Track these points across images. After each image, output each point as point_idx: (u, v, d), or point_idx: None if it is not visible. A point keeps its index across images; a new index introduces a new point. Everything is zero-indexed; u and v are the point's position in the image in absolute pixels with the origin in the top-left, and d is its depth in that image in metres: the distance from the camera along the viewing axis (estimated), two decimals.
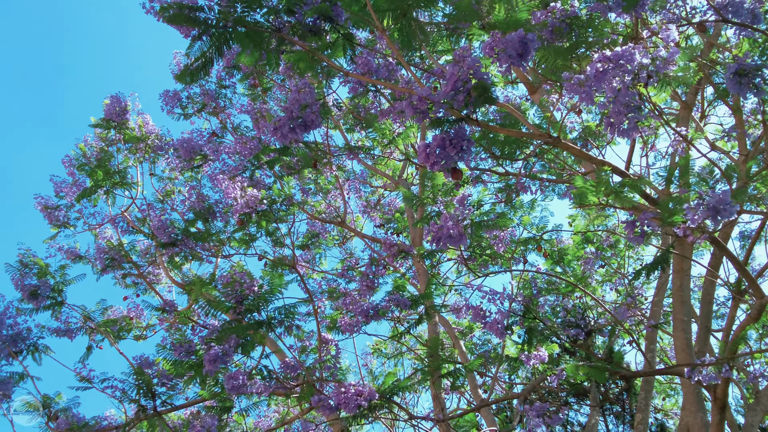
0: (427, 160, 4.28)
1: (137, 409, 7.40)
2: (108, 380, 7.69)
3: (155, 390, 7.34)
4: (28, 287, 8.76)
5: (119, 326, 10.68)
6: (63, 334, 9.66)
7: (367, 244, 12.96)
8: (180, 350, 6.99)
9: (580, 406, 12.53)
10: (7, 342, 7.81)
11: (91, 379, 8.14)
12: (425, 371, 8.05)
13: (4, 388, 7.75)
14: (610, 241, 11.76)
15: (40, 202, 11.18)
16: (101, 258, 10.85)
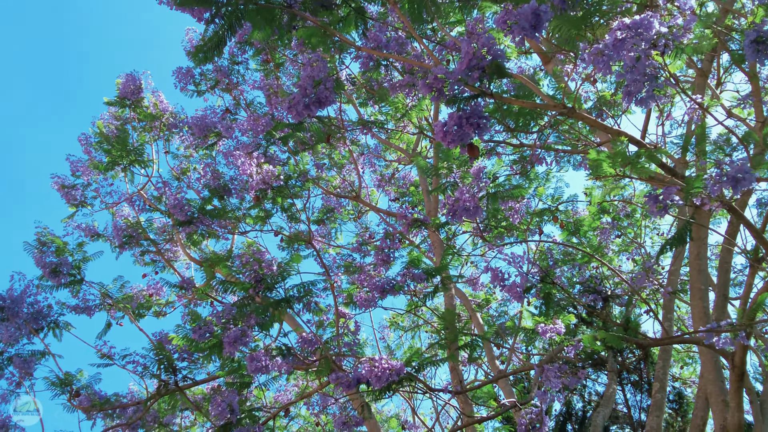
0: (444, 138, 4.28)
1: (158, 384, 7.48)
2: (129, 356, 7.78)
3: (176, 365, 7.41)
4: (48, 265, 8.83)
5: (139, 303, 10.77)
6: (82, 312, 9.75)
7: (382, 218, 12.97)
8: (198, 332, 7.05)
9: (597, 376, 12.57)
10: (28, 320, 7.89)
11: (112, 355, 8.24)
12: (442, 344, 8.08)
13: (26, 366, 7.85)
14: (626, 211, 11.71)
15: (56, 182, 11.23)
16: (119, 236, 10.91)
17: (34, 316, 7.99)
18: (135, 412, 8.81)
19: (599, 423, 9.79)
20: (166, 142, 11.71)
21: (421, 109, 9.98)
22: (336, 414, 7.44)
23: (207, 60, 5.70)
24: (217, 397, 6.87)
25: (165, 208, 10.74)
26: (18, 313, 7.68)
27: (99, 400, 8.44)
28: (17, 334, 7.74)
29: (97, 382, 8.37)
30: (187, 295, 10.86)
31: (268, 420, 7.75)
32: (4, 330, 7.55)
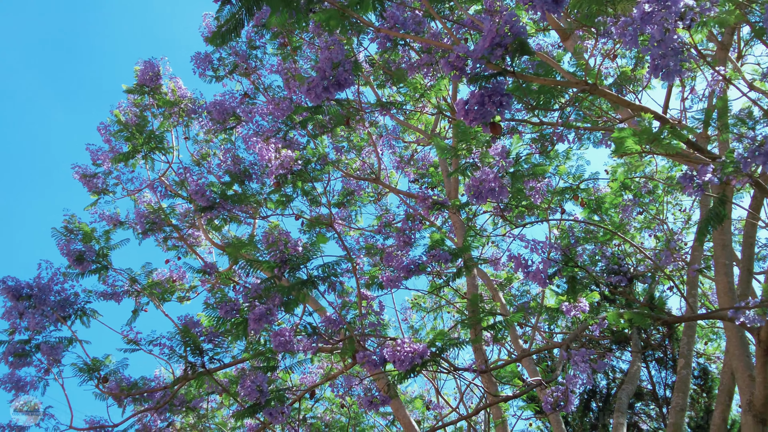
0: (466, 116, 4.26)
1: (186, 366, 7.54)
2: (156, 340, 7.86)
3: (202, 347, 7.47)
4: (74, 252, 8.89)
5: (163, 289, 10.85)
6: (109, 298, 9.83)
7: (402, 200, 12.96)
8: (225, 308, 7.09)
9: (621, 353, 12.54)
10: (56, 307, 7.96)
11: (138, 341, 8.32)
12: (466, 324, 8.09)
13: (54, 353, 7.93)
14: (648, 188, 11.63)
15: (78, 171, 11.31)
16: (142, 222, 10.98)
17: (61, 303, 8.06)
18: (162, 396, 8.89)
19: (624, 400, 9.77)
20: (185, 128, 11.75)
21: (439, 89, 9.93)
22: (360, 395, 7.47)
23: (224, 42, 5.70)
24: (246, 378, 6.93)
25: (186, 193, 10.79)
26: (45, 301, 7.76)
27: (127, 385, 8.53)
28: (45, 321, 7.82)
29: (125, 368, 8.45)
30: (210, 280, 10.93)
31: (294, 402, 7.81)
32: (32, 317, 7.63)
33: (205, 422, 13.23)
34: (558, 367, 5.95)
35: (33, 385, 7.89)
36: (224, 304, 7.10)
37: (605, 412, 12.51)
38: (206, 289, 11.46)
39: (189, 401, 10.02)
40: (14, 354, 7.77)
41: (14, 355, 7.78)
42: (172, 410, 9.54)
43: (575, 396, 6.08)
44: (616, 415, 9.59)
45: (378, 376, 7.82)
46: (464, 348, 6.78)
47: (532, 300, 13.61)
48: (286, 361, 8.01)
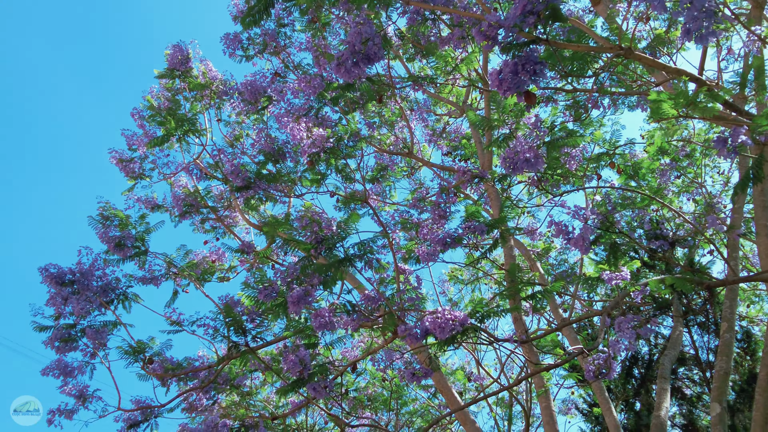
0: (500, 87, 4.22)
1: (229, 346, 7.63)
2: (199, 320, 7.96)
3: (245, 326, 7.55)
4: (112, 239, 9.00)
5: (202, 270, 10.97)
6: (149, 282, 9.96)
7: (436, 173, 12.93)
8: (264, 292, 7.15)
9: (663, 319, 12.44)
10: (98, 293, 8.09)
11: (181, 322, 8.44)
12: (505, 295, 8.08)
13: (99, 337, 8.07)
14: (685, 151, 11.47)
15: (114, 156, 11.44)
16: (179, 205, 11.08)
17: (104, 288, 8.19)
18: (207, 376, 9.03)
19: (667, 366, 9.72)
20: (217, 110, 11.80)
21: (470, 61, 9.85)
22: (401, 369, 7.51)
23: (256, 23, 5.71)
24: (288, 353, 7.00)
25: (221, 175, 10.86)
26: (88, 287, 7.89)
27: (172, 365, 8.67)
28: (88, 306, 7.95)
29: (169, 349, 8.59)
30: (249, 259, 11.03)
31: (336, 377, 7.87)
32: (76, 303, 7.77)
33: (249, 400, 13.40)
34: (599, 335, 5.91)
35: (80, 370, 8.04)
36: (263, 288, 7.16)
37: (648, 378, 12.45)
38: (245, 269, 11.56)
39: (232, 379, 10.16)
40: (61, 339, 7.93)
41: (60, 340, 7.93)
42: (216, 389, 9.69)
43: (617, 363, 6.06)
44: (659, 381, 9.54)
45: (419, 349, 7.85)
46: (504, 318, 6.78)
47: (570, 269, 13.56)
48: (326, 338, 8.08)
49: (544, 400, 9.37)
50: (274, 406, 13.77)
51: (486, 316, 6.16)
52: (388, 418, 14.53)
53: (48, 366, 7.85)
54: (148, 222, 9.63)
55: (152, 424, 8.39)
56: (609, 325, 5.97)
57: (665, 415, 9.03)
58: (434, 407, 14.61)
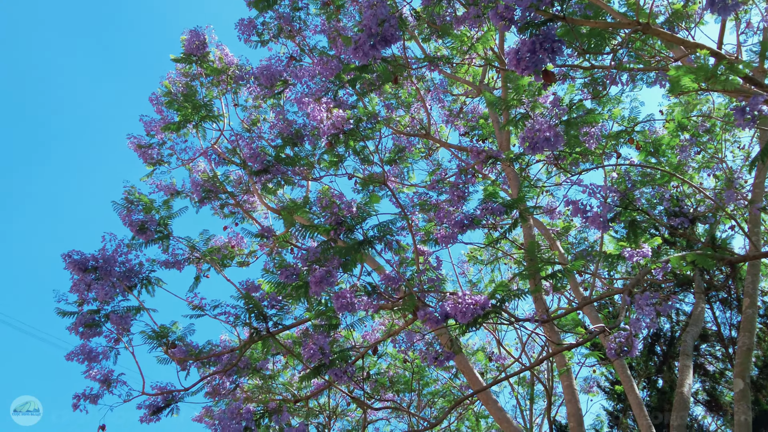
0: (518, 66, 4.20)
1: (250, 331, 7.68)
2: (219, 306, 8.02)
3: (266, 312, 7.59)
4: (136, 222, 9.06)
5: (222, 255, 11.03)
6: (172, 266, 10.03)
7: (454, 154, 12.90)
8: (285, 273, 7.18)
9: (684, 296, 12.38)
10: (122, 278, 8.16)
11: (203, 307, 8.50)
12: (525, 275, 8.06)
13: (123, 322, 8.15)
14: (705, 126, 11.36)
15: (133, 142, 11.49)
16: (198, 191, 11.12)
17: (127, 274, 8.25)
18: (229, 360, 9.09)
19: (689, 343, 9.68)
20: (234, 95, 11.81)
21: (486, 41, 9.79)
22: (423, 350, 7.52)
23: (269, 7, 5.69)
24: (308, 341, 7.03)
25: (239, 160, 10.88)
26: (111, 272, 7.95)
27: (194, 350, 8.74)
28: (112, 292, 8.02)
29: (191, 333, 8.66)
30: (268, 244, 11.06)
31: (357, 359, 7.91)
32: (100, 288, 7.83)
33: (271, 383, 13.51)
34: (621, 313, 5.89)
35: (104, 355, 8.13)
36: (284, 270, 7.18)
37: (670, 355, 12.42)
38: (265, 253, 11.61)
39: (254, 363, 10.24)
40: (85, 324, 8.01)
41: (85, 326, 8.01)
42: (239, 373, 9.76)
43: (639, 341, 6.03)
44: (682, 358, 9.51)
45: (440, 331, 7.86)
46: (524, 299, 6.76)
47: (590, 247, 13.50)
48: (347, 319, 8.11)
49: (565, 379, 9.37)
50: (296, 388, 13.86)
51: (507, 299, 6.15)
52: (410, 400, 14.60)
53: (72, 351, 7.94)
54: (171, 206, 9.68)
55: (174, 409, 8.48)
56: (630, 303, 5.94)
57: (688, 392, 9.01)
58: (456, 388, 14.66)
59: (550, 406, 13.39)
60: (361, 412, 14.22)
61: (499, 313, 6.09)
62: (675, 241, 11.92)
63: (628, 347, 5.83)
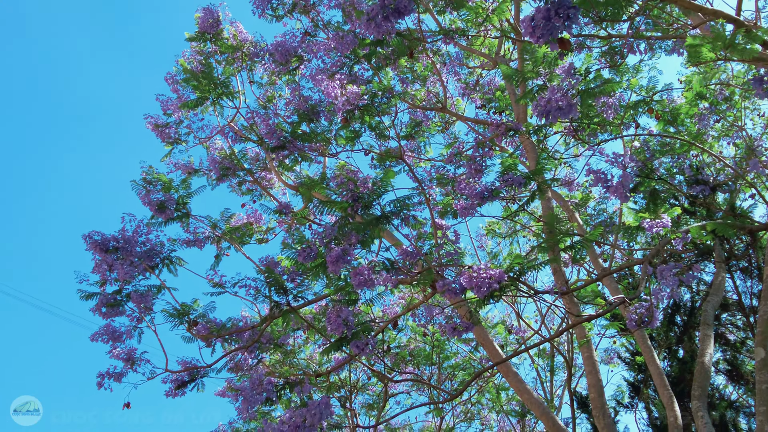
0: (533, 34, 4.16)
1: (271, 305, 7.72)
2: (241, 282, 8.07)
3: (286, 286, 7.63)
4: (155, 202, 9.10)
5: (242, 232, 11.08)
6: (192, 245, 10.09)
7: (470, 127, 12.83)
8: (303, 254, 7.20)
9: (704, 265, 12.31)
10: (143, 257, 8.22)
11: (223, 284, 8.56)
12: (543, 247, 8.04)
13: (145, 301, 8.22)
14: (724, 94, 11.23)
15: (150, 122, 11.52)
16: (215, 168, 11.16)
17: (148, 253, 8.31)
18: (251, 336, 9.16)
19: (710, 312, 9.63)
20: (249, 72, 11.80)
21: (501, 11, 9.70)
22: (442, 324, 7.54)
23: None
24: (331, 313, 7.06)
25: (256, 137, 10.89)
26: (132, 252, 8.01)
27: (216, 327, 8.81)
28: (133, 271, 8.08)
29: (212, 311, 8.72)
30: (286, 220, 11.10)
31: (377, 333, 7.94)
32: (121, 268, 7.90)
33: (293, 358, 13.60)
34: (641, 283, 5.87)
35: (128, 334, 8.21)
36: (302, 249, 7.21)
37: (691, 325, 12.36)
38: (284, 230, 11.65)
39: (276, 339, 10.31)
40: (107, 305, 8.08)
41: (107, 306, 8.09)
42: (261, 348, 9.83)
43: (659, 311, 6.02)
44: (703, 328, 9.48)
45: (459, 303, 7.88)
46: (543, 270, 6.76)
47: (609, 218, 13.45)
48: (366, 295, 8.13)
49: (586, 350, 9.37)
50: (317, 363, 13.96)
51: (524, 270, 6.14)
52: (430, 373, 14.67)
53: (97, 332, 8.02)
54: (189, 185, 9.72)
55: (199, 384, 8.56)
56: (650, 273, 5.92)
57: (709, 361, 8.99)
58: (476, 361, 14.71)
59: (571, 378, 13.42)
60: (382, 385, 14.32)
61: (516, 286, 6.09)
62: (695, 210, 11.83)
63: (648, 318, 5.82)
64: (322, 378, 12.25)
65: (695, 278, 5.58)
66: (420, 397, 15.99)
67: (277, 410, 13.62)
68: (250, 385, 7.54)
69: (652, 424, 12.33)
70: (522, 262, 6.11)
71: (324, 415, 6.41)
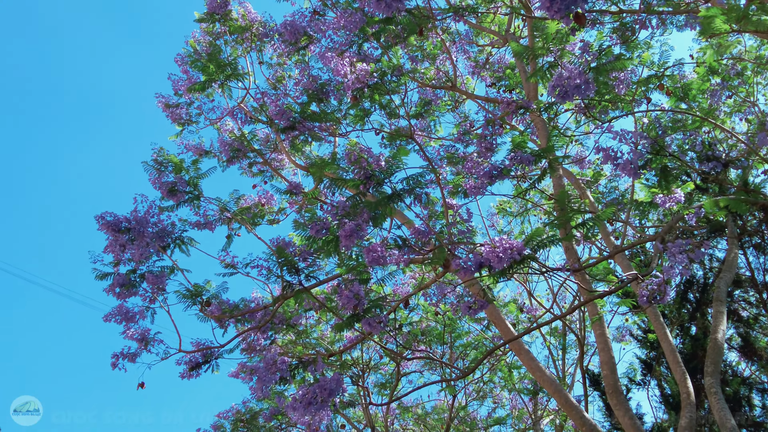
0: (551, 8, 4.12)
1: (283, 285, 7.74)
2: (252, 262, 8.09)
3: (298, 266, 7.65)
4: (166, 184, 9.11)
5: (253, 213, 11.09)
6: (203, 227, 10.10)
7: (480, 105, 12.77)
8: (315, 228, 7.20)
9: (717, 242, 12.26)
10: (155, 239, 8.24)
11: (235, 264, 8.59)
12: (555, 225, 8.02)
13: (158, 281, 8.26)
14: (736, 69, 11.14)
15: (161, 101, 11.53)
16: (226, 150, 11.16)
17: (159, 234, 8.33)
18: (263, 316, 9.20)
19: (722, 289, 9.60)
20: (258, 52, 11.77)
21: None
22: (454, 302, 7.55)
23: None
24: (343, 290, 7.07)
25: (266, 118, 10.87)
26: (144, 233, 8.03)
27: (228, 307, 8.86)
28: (147, 252, 8.11)
29: (225, 291, 8.76)
30: (297, 201, 11.11)
31: (389, 312, 7.96)
32: (135, 248, 7.93)
33: (305, 338, 13.65)
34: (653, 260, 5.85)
35: (141, 315, 8.26)
36: (314, 224, 7.20)
37: (703, 302, 12.33)
38: (295, 210, 11.66)
39: (288, 319, 10.35)
40: (121, 285, 8.12)
41: (121, 286, 8.13)
42: (273, 328, 9.88)
43: (671, 288, 6.00)
44: (715, 304, 9.46)
45: (470, 282, 7.88)
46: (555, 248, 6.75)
47: (621, 196, 13.39)
48: (377, 274, 8.14)
49: (598, 328, 9.37)
50: (328, 342, 14.01)
51: (541, 246, 6.12)
52: (442, 352, 14.70)
53: (110, 312, 8.07)
54: (200, 168, 9.73)
55: (213, 365, 8.62)
56: (662, 250, 5.90)
57: (722, 338, 8.98)
58: (488, 339, 14.73)
59: (583, 356, 13.43)
60: (394, 365, 14.37)
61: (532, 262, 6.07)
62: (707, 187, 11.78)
63: (660, 294, 5.81)
64: (334, 358, 12.30)
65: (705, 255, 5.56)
66: (432, 376, 16.05)
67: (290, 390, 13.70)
68: (264, 364, 7.57)
69: (664, 401, 12.34)
70: (541, 235, 6.08)
71: (336, 392, 6.45)
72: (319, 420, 7.50)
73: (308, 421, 7.55)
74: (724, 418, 7.46)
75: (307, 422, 7.68)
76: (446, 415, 15.53)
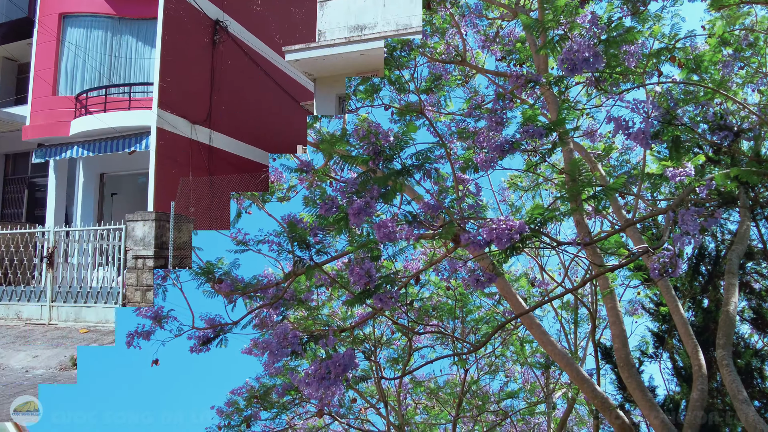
0: None
1: (294, 261, 7.77)
2: (264, 238, 8.14)
3: (309, 242, 7.67)
4: None
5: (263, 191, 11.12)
6: None
7: (491, 80, 12.71)
8: (324, 207, 7.21)
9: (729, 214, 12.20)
10: None
11: (247, 242, 8.64)
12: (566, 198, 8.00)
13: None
14: (748, 40, 11.03)
15: None
16: None
17: None
18: (275, 292, 9.24)
19: (734, 261, 9.56)
20: None
21: None
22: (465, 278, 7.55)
23: None
24: (354, 266, 7.09)
25: None
26: None
27: (240, 284, 8.91)
28: None
29: (237, 268, 8.80)
30: (307, 178, 11.12)
31: (400, 288, 7.97)
32: None
33: (316, 314, 13.73)
34: (664, 233, 5.84)
35: (154, 291, 8.33)
36: (324, 203, 7.21)
37: (715, 274, 12.30)
38: (305, 188, 11.67)
39: (299, 295, 10.40)
40: None
41: None
42: (285, 305, 9.93)
43: (683, 261, 5.99)
44: (727, 277, 9.43)
45: (481, 256, 7.88)
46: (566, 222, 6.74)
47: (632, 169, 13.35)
48: (388, 251, 8.16)
49: (609, 301, 9.38)
50: (339, 318, 14.09)
51: (546, 221, 6.11)
52: (453, 326, 14.76)
53: None
54: None
55: (222, 340, 8.68)
56: (674, 222, 5.88)
57: (734, 310, 8.97)
58: (499, 314, 14.77)
59: (595, 329, 13.46)
60: (406, 340, 14.44)
61: (538, 237, 6.07)
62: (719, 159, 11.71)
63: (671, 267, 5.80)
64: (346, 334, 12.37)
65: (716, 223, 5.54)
66: (444, 351, 16.12)
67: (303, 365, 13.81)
68: (275, 338, 7.61)
69: (676, 374, 12.36)
70: (543, 212, 6.08)
71: (348, 367, 6.48)
72: (331, 394, 7.55)
73: (320, 395, 7.61)
74: (736, 390, 7.46)
75: (320, 396, 7.73)
76: (458, 389, 15.62)
